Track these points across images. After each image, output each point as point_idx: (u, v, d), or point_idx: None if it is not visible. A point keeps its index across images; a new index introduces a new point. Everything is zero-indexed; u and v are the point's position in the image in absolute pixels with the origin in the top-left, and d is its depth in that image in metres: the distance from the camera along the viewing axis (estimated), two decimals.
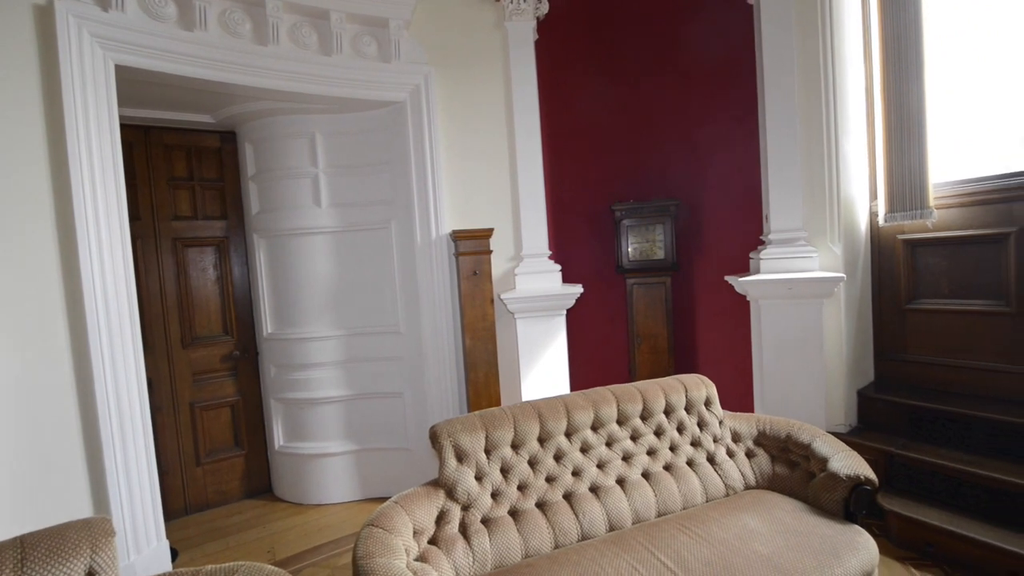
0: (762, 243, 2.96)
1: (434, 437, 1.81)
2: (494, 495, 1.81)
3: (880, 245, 2.92)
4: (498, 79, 3.15)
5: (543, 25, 3.29)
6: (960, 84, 2.62)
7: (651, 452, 2.11)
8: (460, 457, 1.80)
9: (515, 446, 1.90)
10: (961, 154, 2.64)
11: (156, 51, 2.33)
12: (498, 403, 2.82)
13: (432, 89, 3.00)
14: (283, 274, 3.16)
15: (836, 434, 2.65)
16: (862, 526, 1.84)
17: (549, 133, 3.50)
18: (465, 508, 1.76)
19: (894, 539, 2.36)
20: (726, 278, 3.10)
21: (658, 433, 2.15)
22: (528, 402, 2.03)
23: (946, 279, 2.69)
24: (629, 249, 3.54)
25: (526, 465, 1.90)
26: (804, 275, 2.70)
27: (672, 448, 2.15)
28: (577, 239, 3.82)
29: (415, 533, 1.61)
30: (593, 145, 3.81)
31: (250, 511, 3.18)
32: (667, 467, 2.10)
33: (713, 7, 3.33)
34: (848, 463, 1.88)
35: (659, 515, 1.97)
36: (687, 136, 3.61)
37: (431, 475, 1.84)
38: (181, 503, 3.13)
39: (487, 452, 1.85)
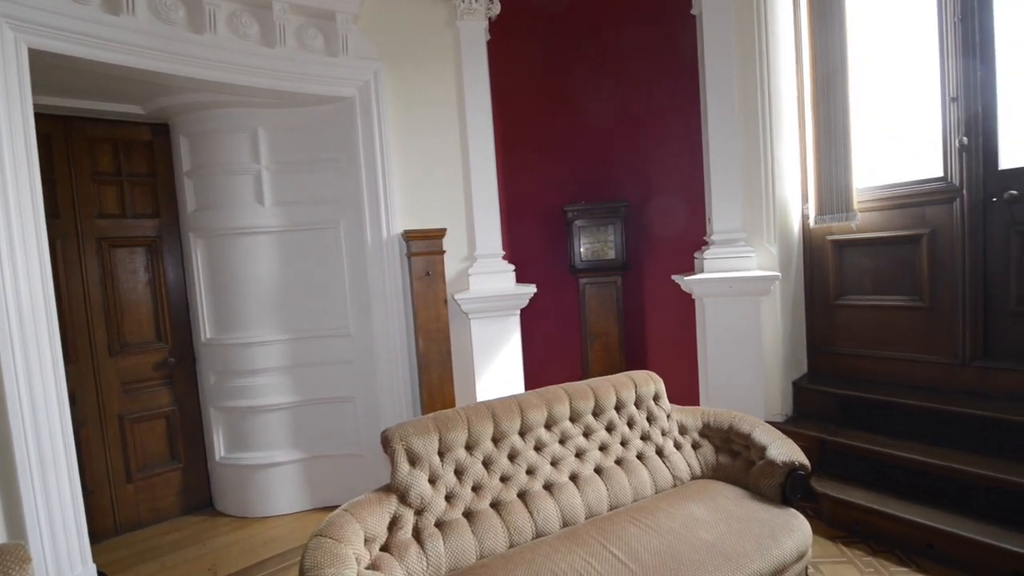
0: (706, 244, 3.10)
1: (386, 441, 1.77)
2: (448, 497, 1.80)
3: (811, 245, 3.12)
4: (450, 78, 3.13)
5: (495, 26, 3.29)
6: (882, 98, 2.84)
7: (603, 447, 2.15)
8: (413, 461, 1.77)
9: (469, 447, 1.89)
10: (882, 161, 2.86)
11: (76, 35, 2.15)
12: (453, 404, 2.80)
13: (382, 85, 2.94)
14: (223, 276, 3.00)
15: (774, 423, 2.80)
16: (797, 509, 1.96)
17: (502, 134, 3.51)
18: (418, 512, 1.73)
19: (826, 519, 2.52)
20: (673, 277, 3.22)
21: (609, 429, 2.20)
22: (482, 402, 2.03)
23: (869, 277, 2.91)
24: (581, 249, 3.60)
25: (480, 466, 1.89)
26: (743, 274, 2.84)
27: (623, 443, 2.20)
28: (531, 239, 3.85)
29: (366, 541, 1.57)
30: (546, 147, 3.85)
31: (188, 528, 2.99)
32: (618, 461, 2.16)
33: (661, 16, 3.44)
34: (784, 451, 2.00)
35: (611, 508, 2.02)
36: (636, 140, 3.72)
37: (384, 480, 1.80)
38: (110, 523, 2.90)
39: (441, 454, 1.83)
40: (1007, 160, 2.45)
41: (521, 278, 3.42)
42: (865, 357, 2.93)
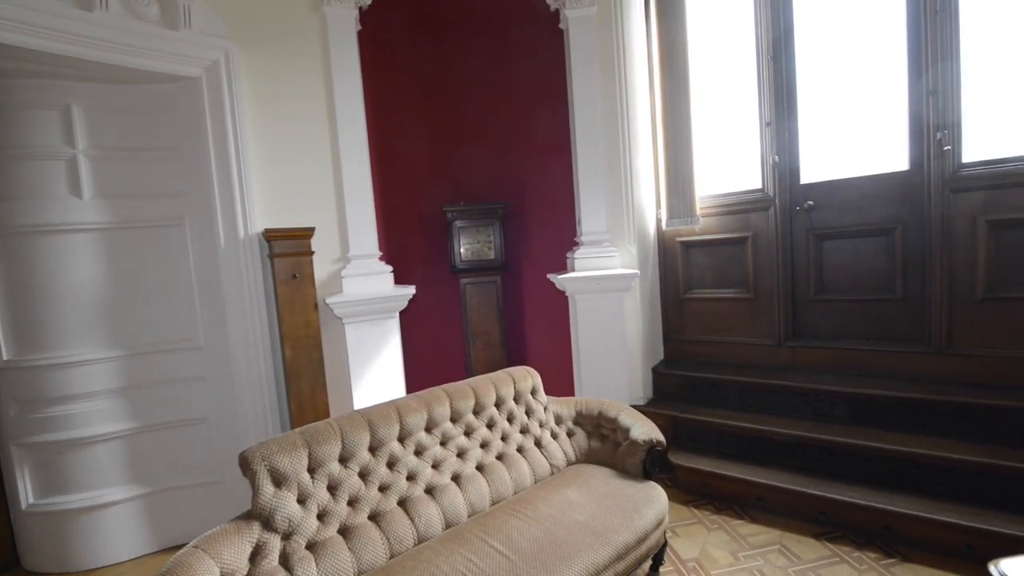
0: (576, 244, 3.31)
1: (245, 463, 1.59)
2: (321, 516, 1.68)
3: (664, 246, 3.50)
4: (317, 67, 2.92)
5: (367, 16, 3.15)
6: (718, 122, 3.28)
7: (484, 445, 2.18)
8: (278, 481, 1.62)
9: (344, 459, 1.78)
10: (718, 174, 3.31)
11: None
12: (326, 416, 2.62)
13: (236, 69, 2.64)
14: (26, 282, 2.46)
15: (636, 406, 3.09)
16: (657, 481, 2.18)
17: (378, 130, 3.38)
18: (286, 536, 1.58)
19: (681, 487, 2.85)
20: (548, 276, 3.38)
21: (490, 425, 2.24)
22: (357, 411, 1.93)
23: (709, 273, 3.35)
24: (462, 250, 3.62)
25: (357, 478, 1.80)
26: (609, 272, 3.09)
27: (503, 438, 2.26)
28: (410, 240, 3.77)
29: None
30: (425, 147, 3.80)
31: None
32: (500, 456, 2.20)
33: (535, 26, 3.57)
34: (645, 430, 2.21)
35: (493, 503, 2.05)
36: (513, 143, 3.83)
37: (249, 506, 1.61)
38: None
39: (311, 471, 1.70)
40: (806, 176, 3.00)
41: (400, 279, 3.33)
42: (709, 343, 3.37)
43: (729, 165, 3.26)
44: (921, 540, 2.17)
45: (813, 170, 2.97)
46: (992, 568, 1.11)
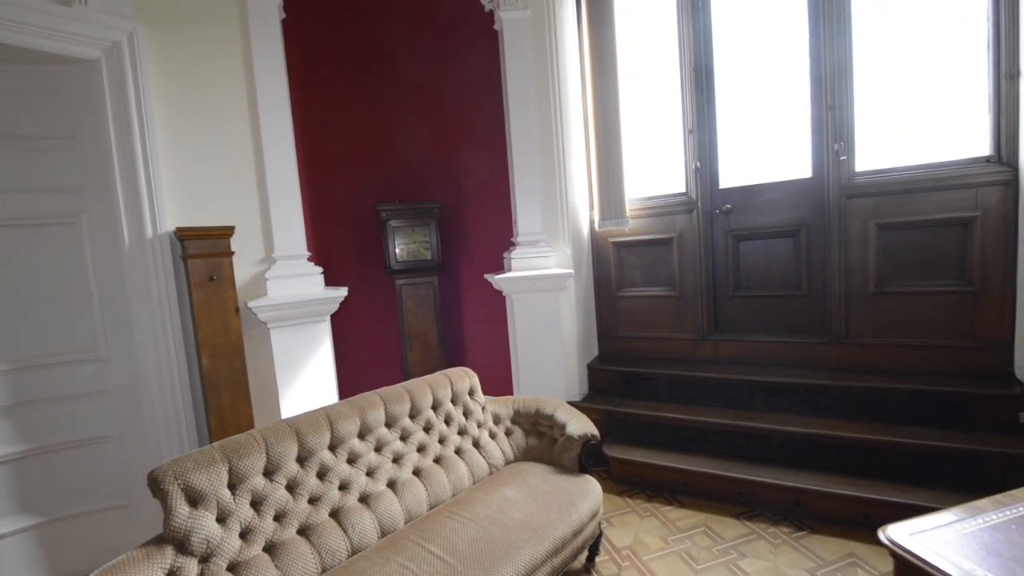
0: (513, 245, 3.34)
1: (155, 483, 1.46)
2: (244, 534, 1.58)
3: (598, 246, 3.61)
4: (237, 54, 2.73)
5: (292, 6, 3.00)
6: (646, 127, 3.43)
7: (421, 449, 2.15)
8: (194, 501, 1.50)
9: (269, 473, 1.69)
10: (646, 177, 3.46)
11: None
12: (250, 427, 2.47)
13: (142, 52, 2.42)
14: None
15: (573, 403, 3.18)
16: (593, 474, 2.25)
17: (305, 124, 3.23)
18: (205, 559, 1.47)
19: (615, 478, 2.96)
20: (485, 276, 3.39)
21: (427, 429, 2.21)
22: (284, 420, 1.83)
23: (639, 272, 3.50)
24: (397, 250, 3.54)
25: (284, 491, 1.70)
26: (545, 272, 3.15)
27: (441, 441, 2.23)
28: (342, 239, 3.64)
29: None
30: (358, 144, 3.69)
31: None
32: (437, 459, 2.18)
33: (469, 24, 3.55)
34: (580, 426, 2.27)
35: (431, 508, 2.03)
36: (450, 142, 3.80)
37: (161, 530, 1.48)
38: None
39: (232, 487, 1.59)
40: (725, 181, 3.21)
41: (331, 280, 3.20)
42: (640, 338, 3.52)
43: (657, 169, 3.43)
44: (826, 513, 2.40)
45: (731, 176, 3.19)
46: (881, 535, 1.24)
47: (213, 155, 2.65)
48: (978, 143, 2.54)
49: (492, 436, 2.41)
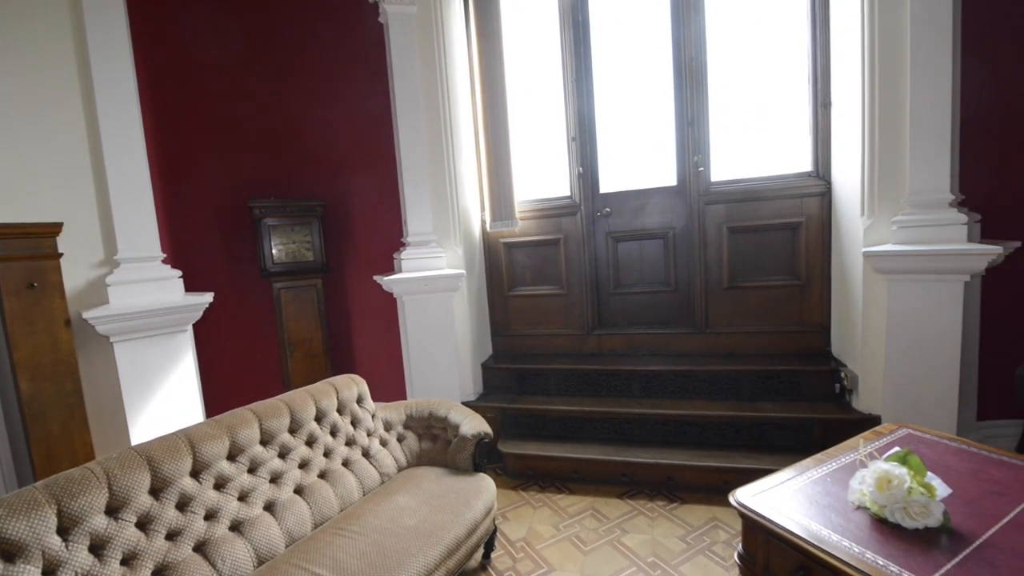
0: (403, 245, 3.25)
1: None
2: None
3: (489, 247, 3.66)
4: (65, 22, 2.31)
5: None
6: (535, 132, 3.55)
7: (304, 465, 2.00)
8: (10, 554, 1.24)
9: (113, 510, 1.45)
10: (534, 180, 3.58)
11: None
12: (90, 459, 2.10)
13: None
14: None
15: (467, 403, 3.19)
16: (488, 472, 2.27)
17: (159, 109, 2.83)
18: None
19: (510, 473, 3.02)
20: (374, 278, 3.26)
21: (310, 443, 2.06)
22: (133, 448, 1.58)
23: (529, 271, 3.62)
24: (274, 251, 3.26)
25: (134, 529, 1.48)
26: (436, 272, 3.11)
27: (327, 454, 2.10)
28: (207, 239, 3.26)
29: None
30: (228, 131, 3.32)
31: None
32: (322, 475, 2.04)
33: (355, 11, 3.37)
34: (473, 425, 2.28)
35: (316, 526, 1.90)
36: (331, 139, 3.58)
37: None
38: None
39: (63, 532, 1.34)
40: (604, 186, 3.44)
41: (194, 285, 2.85)
42: (531, 336, 3.64)
43: (544, 173, 3.57)
44: (693, 484, 2.68)
45: (610, 181, 3.43)
46: (731, 498, 1.42)
47: (32, 137, 2.21)
48: (803, 160, 3.02)
49: (383, 444, 2.32)
